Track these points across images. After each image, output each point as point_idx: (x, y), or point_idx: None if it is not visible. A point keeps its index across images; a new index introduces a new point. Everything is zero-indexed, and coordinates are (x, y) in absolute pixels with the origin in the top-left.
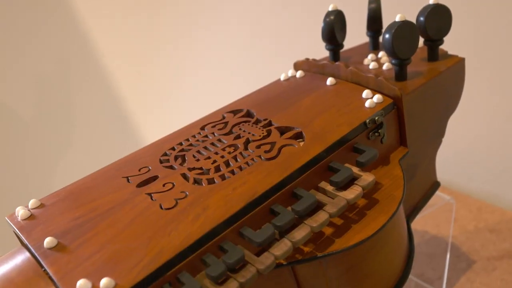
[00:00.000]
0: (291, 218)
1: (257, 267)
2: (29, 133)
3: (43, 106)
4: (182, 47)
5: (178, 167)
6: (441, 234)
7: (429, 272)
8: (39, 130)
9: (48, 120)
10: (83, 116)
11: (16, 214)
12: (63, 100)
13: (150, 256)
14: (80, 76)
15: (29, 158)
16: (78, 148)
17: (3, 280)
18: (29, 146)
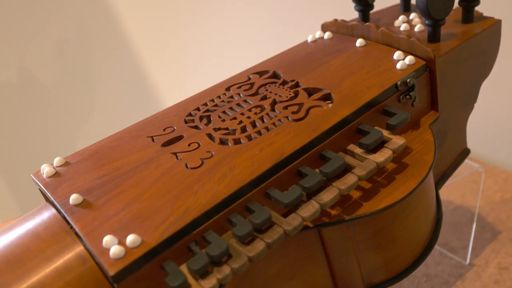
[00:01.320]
0: (319, 179)
1: (284, 228)
2: (50, 99)
3: (64, 71)
4: (205, 10)
5: (203, 127)
6: (466, 204)
7: (453, 241)
8: (61, 95)
9: (69, 85)
10: (104, 81)
11: (42, 172)
12: (84, 66)
13: (176, 214)
14: (101, 41)
15: (51, 123)
16: (98, 113)
17: (30, 235)
18: (51, 111)
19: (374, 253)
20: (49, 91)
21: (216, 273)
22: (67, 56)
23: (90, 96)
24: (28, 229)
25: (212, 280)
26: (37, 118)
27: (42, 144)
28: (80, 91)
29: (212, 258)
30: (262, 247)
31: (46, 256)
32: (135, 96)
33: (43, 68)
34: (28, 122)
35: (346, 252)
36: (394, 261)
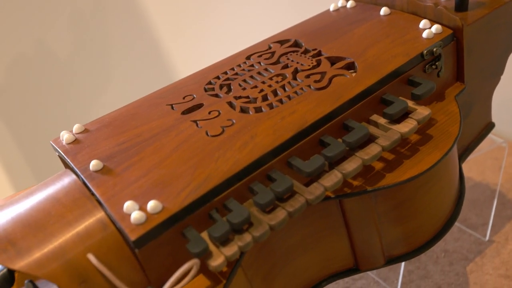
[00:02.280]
0: (342, 149)
1: (306, 197)
2: (66, 71)
3: (79, 43)
4: None
5: (223, 96)
6: (486, 180)
7: (472, 218)
8: (76, 67)
9: (84, 57)
10: (119, 53)
11: (61, 138)
12: (99, 37)
13: (197, 181)
14: (116, 12)
15: (67, 95)
16: (114, 85)
17: (51, 200)
18: (66, 83)
19: (396, 226)
20: (64, 63)
21: (237, 240)
22: (82, 28)
23: (106, 68)
24: (48, 194)
25: (233, 248)
26: (52, 91)
27: (58, 116)
28: (95, 63)
29: (233, 226)
30: (283, 215)
31: (67, 221)
32: (151, 67)
33: (59, 40)
34: (44, 95)
35: (367, 224)
36: (415, 234)
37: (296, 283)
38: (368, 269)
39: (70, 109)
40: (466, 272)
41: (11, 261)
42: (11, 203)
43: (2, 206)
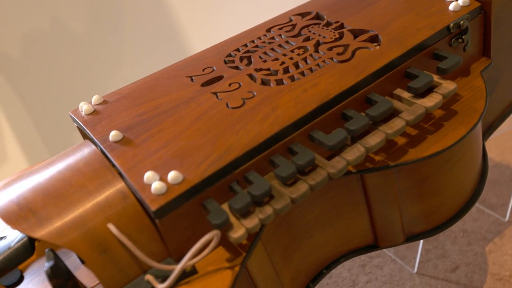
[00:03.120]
0: (365, 122)
1: (328, 170)
2: (81, 47)
3: (94, 20)
4: None
5: (244, 68)
6: (506, 161)
7: (491, 198)
8: (91, 44)
9: (99, 34)
10: (135, 30)
11: (80, 109)
12: (115, 14)
13: (218, 153)
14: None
15: (82, 72)
16: (129, 62)
17: (71, 170)
18: (82, 59)
19: (417, 202)
20: (79, 38)
21: (258, 213)
22: (97, 4)
23: (121, 43)
24: (68, 164)
25: (254, 220)
26: (67, 66)
27: (72, 92)
28: (110, 39)
29: (254, 198)
30: (305, 188)
31: (87, 191)
32: (166, 43)
33: (74, 15)
34: (59, 70)
35: (388, 200)
36: (437, 212)
37: (314, 259)
38: (388, 246)
39: (85, 84)
40: (485, 252)
41: (32, 230)
42: (30, 173)
43: (21, 176)
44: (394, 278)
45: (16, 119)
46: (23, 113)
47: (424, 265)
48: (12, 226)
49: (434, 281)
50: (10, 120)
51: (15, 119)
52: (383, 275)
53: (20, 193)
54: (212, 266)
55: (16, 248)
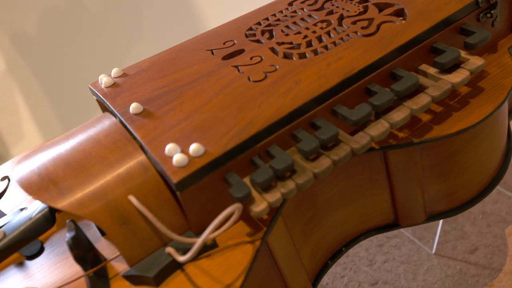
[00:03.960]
0: (390, 98)
1: (352, 146)
2: (97, 24)
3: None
4: None
5: (265, 41)
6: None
7: (511, 181)
8: (107, 21)
9: (115, 11)
10: (150, 6)
11: (99, 82)
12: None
13: (240, 126)
14: None
15: (98, 49)
16: (145, 39)
17: (91, 141)
18: (97, 36)
19: (440, 181)
20: (95, 14)
21: (280, 187)
22: None
23: (137, 21)
24: (89, 136)
25: (276, 194)
26: (82, 44)
27: (88, 70)
28: (126, 17)
29: (277, 172)
30: (328, 164)
31: (108, 163)
32: (182, 19)
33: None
34: (74, 48)
35: (411, 178)
36: (459, 191)
37: (334, 236)
38: (408, 225)
39: (100, 61)
40: (504, 235)
41: (53, 200)
42: (51, 144)
43: (41, 147)
44: (412, 259)
45: (32, 97)
46: (38, 91)
47: (443, 246)
48: (33, 196)
49: (453, 262)
50: (26, 98)
51: (31, 97)
52: (400, 255)
53: (41, 163)
54: (232, 240)
55: (37, 219)
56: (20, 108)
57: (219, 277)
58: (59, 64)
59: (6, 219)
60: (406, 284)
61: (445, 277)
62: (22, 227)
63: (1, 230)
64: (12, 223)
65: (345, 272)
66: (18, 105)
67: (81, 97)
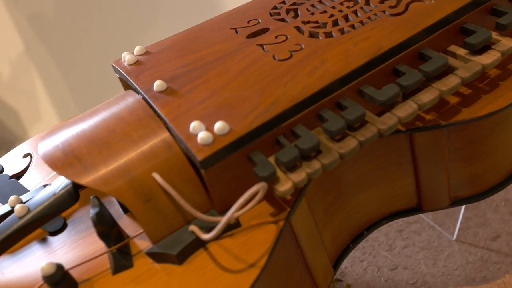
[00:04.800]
0: (419, 78)
1: (379, 126)
2: (114, 5)
3: None
4: None
5: (290, 20)
6: None
7: None
8: (125, 2)
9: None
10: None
11: (122, 60)
12: None
13: (265, 104)
14: None
15: (114, 29)
16: (162, 20)
17: (115, 118)
18: (114, 19)
19: (466, 165)
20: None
21: (306, 167)
22: None
23: (154, 2)
24: (112, 113)
25: (302, 174)
26: (101, 24)
27: (105, 51)
28: (141, 2)
29: (302, 152)
30: (354, 144)
31: (132, 140)
32: (200, 1)
33: None
34: (92, 28)
35: (436, 161)
36: (484, 176)
37: (356, 219)
38: (432, 209)
39: (117, 42)
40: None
41: (77, 176)
42: (74, 121)
43: (64, 124)
44: (432, 244)
45: (49, 79)
46: (56, 72)
47: (464, 232)
48: (57, 171)
49: (474, 249)
50: (44, 80)
51: (48, 78)
52: (420, 241)
53: (65, 140)
54: (255, 220)
55: (61, 195)
56: (38, 90)
57: (242, 256)
58: (76, 45)
59: (30, 195)
60: (426, 269)
61: (466, 264)
62: (46, 203)
63: (25, 205)
64: (36, 199)
65: (364, 257)
66: (35, 86)
67: (98, 79)
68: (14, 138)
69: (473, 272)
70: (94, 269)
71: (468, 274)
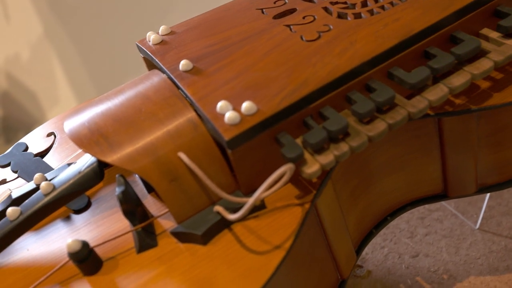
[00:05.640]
0: (450, 61)
1: (408, 110)
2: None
3: None
4: None
5: (318, 1)
6: None
7: None
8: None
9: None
10: None
11: (147, 39)
12: None
13: (293, 85)
14: None
15: (132, 15)
16: (181, 7)
17: (141, 97)
18: (132, 3)
19: (495, 151)
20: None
21: (333, 149)
22: None
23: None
24: (138, 92)
25: (329, 156)
26: (120, 8)
27: (124, 34)
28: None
29: (330, 134)
30: (383, 127)
31: (158, 119)
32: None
33: None
34: (110, 12)
35: (465, 147)
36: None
37: (380, 204)
38: (457, 196)
39: (137, 24)
40: None
41: (103, 154)
42: (99, 100)
43: (89, 103)
44: (455, 233)
45: (68, 62)
46: (75, 56)
47: (487, 221)
48: (84, 149)
49: (497, 238)
50: (63, 63)
51: (67, 62)
52: (443, 228)
53: (91, 118)
54: (280, 202)
55: (86, 173)
56: (56, 73)
57: (267, 237)
58: (95, 28)
59: (54, 173)
60: (448, 257)
61: (489, 253)
62: (71, 180)
63: (51, 183)
64: (62, 177)
65: (385, 243)
66: (54, 69)
67: (117, 62)
68: (32, 120)
69: (496, 262)
70: (118, 247)
71: (491, 263)
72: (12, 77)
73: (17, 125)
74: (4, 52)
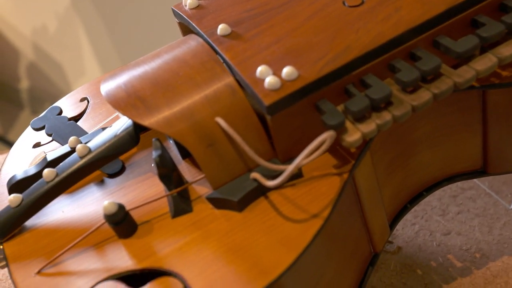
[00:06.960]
0: (501, 30)
1: (454, 79)
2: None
3: None
4: None
5: None
6: None
7: None
8: None
9: None
10: None
11: (184, 4)
12: None
13: (335, 51)
14: None
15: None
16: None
17: (178, 61)
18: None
19: None
20: None
21: (375, 118)
22: None
23: None
24: (175, 56)
25: (371, 125)
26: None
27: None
28: None
29: (373, 102)
30: (428, 97)
31: (195, 83)
32: None
33: None
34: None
35: (508, 122)
36: None
37: (417, 178)
38: (497, 173)
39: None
40: None
41: (141, 117)
42: (136, 63)
43: (126, 66)
44: (488, 212)
45: (94, 33)
46: (101, 27)
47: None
48: (121, 111)
49: None
50: (89, 34)
51: (93, 33)
52: (475, 207)
53: (127, 81)
54: (318, 171)
55: (122, 136)
56: (83, 44)
57: (304, 206)
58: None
59: (88, 137)
60: (481, 236)
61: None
62: (107, 144)
63: (87, 145)
64: (97, 140)
65: (416, 220)
66: (80, 41)
67: (142, 34)
68: (58, 92)
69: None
70: (153, 212)
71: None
72: (39, 49)
73: (44, 96)
74: (32, 24)
